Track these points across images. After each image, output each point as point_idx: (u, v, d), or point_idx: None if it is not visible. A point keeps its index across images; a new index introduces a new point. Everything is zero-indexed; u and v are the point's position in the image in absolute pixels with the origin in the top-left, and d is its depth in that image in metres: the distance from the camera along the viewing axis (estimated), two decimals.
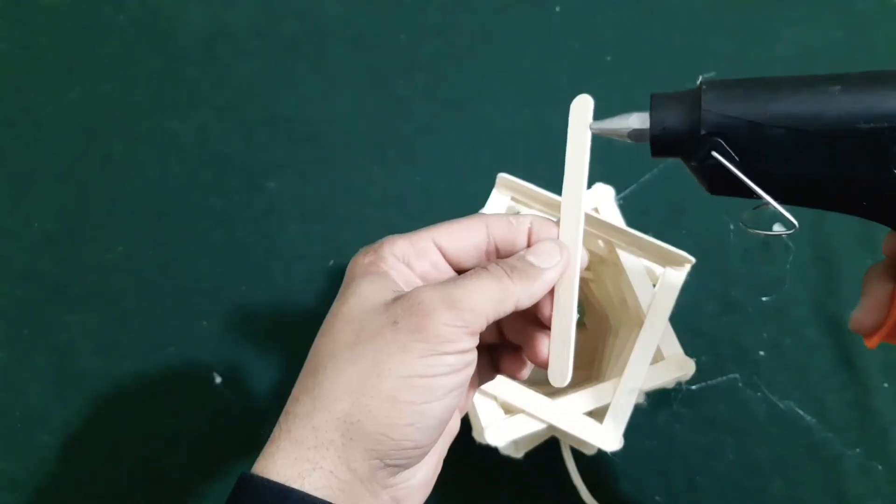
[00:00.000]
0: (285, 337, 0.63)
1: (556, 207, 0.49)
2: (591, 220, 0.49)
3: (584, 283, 0.59)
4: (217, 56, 0.74)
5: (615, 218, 0.50)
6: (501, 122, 0.71)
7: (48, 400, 0.61)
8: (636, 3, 0.76)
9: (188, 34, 0.75)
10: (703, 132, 0.31)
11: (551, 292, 0.34)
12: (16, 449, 0.60)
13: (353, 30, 0.75)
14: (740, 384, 0.62)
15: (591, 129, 0.35)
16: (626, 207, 0.50)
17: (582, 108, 0.35)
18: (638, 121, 0.34)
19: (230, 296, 0.65)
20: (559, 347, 0.35)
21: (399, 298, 0.31)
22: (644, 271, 0.49)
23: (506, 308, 0.32)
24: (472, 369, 0.32)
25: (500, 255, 0.35)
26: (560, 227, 0.35)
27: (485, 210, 0.49)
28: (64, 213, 0.67)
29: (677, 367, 0.47)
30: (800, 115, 0.30)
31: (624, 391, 0.45)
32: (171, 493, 0.59)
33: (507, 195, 0.49)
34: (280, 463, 0.29)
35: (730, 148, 0.31)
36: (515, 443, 0.51)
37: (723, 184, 0.32)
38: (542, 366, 0.35)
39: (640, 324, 0.47)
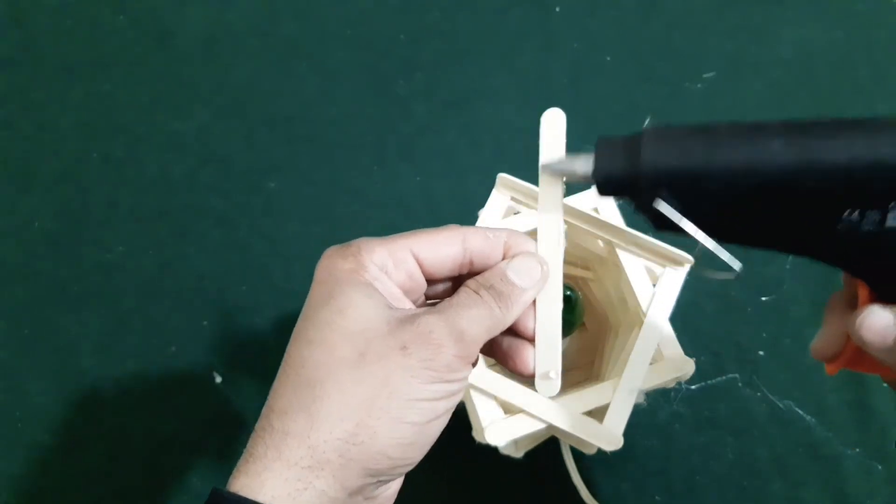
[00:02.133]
0: (285, 337, 0.63)
1: None
2: (591, 220, 0.49)
3: (584, 282, 0.59)
4: (217, 56, 0.74)
5: (615, 218, 0.50)
6: (501, 122, 0.71)
7: (48, 399, 0.61)
8: (636, 3, 0.76)
9: (188, 35, 0.75)
10: (643, 182, 0.31)
11: (532, 304, 0.35)
12: (16, 448, 0.60)
13: (352, 30, 0.75)
14: (740, 384, 0.62)
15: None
16: (625, 206, 0.50)
17: (553, 121, 0.35)
18: (583, 165, 0.33)
19: (230, 296, 0.65)
20: (546, 358, 0.35)
21: (406, 323, 0.31)
22: (644, 271, 0.49)
23: (494, 334, 0.33)
24: (464, 390, 0.33)
25: (473, 268, 0.35)
26: (539, 239, 0.35)
27: (484, 210, 0.49)
28: (64, 213, 0.67)
29: (677, 367, 0.47)
30: (740, 170, 0.29)
31: (624, 391, 0.45)
32: (171, 492, 0.59)
33: (507, 195, 0.50)
34: (269, 483, 0.29)
35: (672, 196, 0.30)
36: (515, 442, 0.51)
37: (666, 225, 0.31)
38: (529, 376, 0.35)
39: (640, 323, 0.47)
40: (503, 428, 0.44)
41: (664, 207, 0.31)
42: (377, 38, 0.75)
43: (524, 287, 0.34)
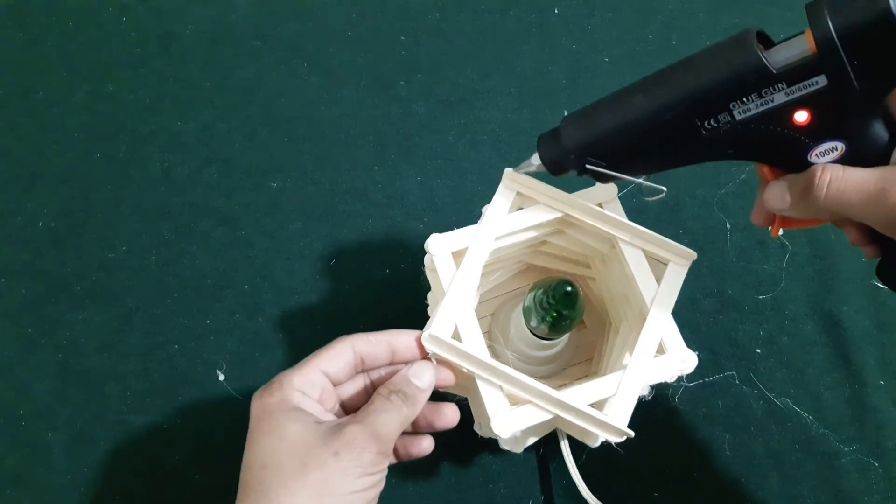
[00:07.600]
0: (287, 334, 0.63)
1: (560, 202, 0.50)
2: (595, 215, 0.50)
3: (583, 280, 0.60)
4: (220, 57, 0.74)
5: (618, 213, 0.51)
6: (501, 121, 0.72)
7: (52, 397, 0.62)
8: (634, 5, 0.77)
9: (191, 36, 0.75)
10: (571, 156, 0.43)
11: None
12: (20, 446, 0.60)
13: (354, 31, 0.76)
14: (737, 381, 0.62)
15: (514, 170, 0.49)
16: (623, 206, 0.51)
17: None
18: (536, 159, 0.46)
19: (233, 294, 0.65)
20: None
21: (334, 434, 0.40)
22: (647, 265, 0.49)
23: (404, 428, 0.44)
24: (385, 480, 0.43)
25: (365, 367, 0.46)
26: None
27: (490, 206, 0.50)
28: (68, 213, 0.68)
29: (680, 360, 0.47)
30: (623, 126, 0.41)
31: (629, 382, 0.46)
32: (173, 489, 0.59)
33: (512, 190, 0.50)
34: None
35: (595, 156, 0.43)
36: (515, 437, 0.51)
37: (602, 178, 0.44)
38: (451, 426, 0.48)
39: (643, 317, 0.48)
40: (510, 419, 0.45)
41: (593, 166, 0.43)
42: (378, 39, 0.75)
43: (423, 388, 0.44)
